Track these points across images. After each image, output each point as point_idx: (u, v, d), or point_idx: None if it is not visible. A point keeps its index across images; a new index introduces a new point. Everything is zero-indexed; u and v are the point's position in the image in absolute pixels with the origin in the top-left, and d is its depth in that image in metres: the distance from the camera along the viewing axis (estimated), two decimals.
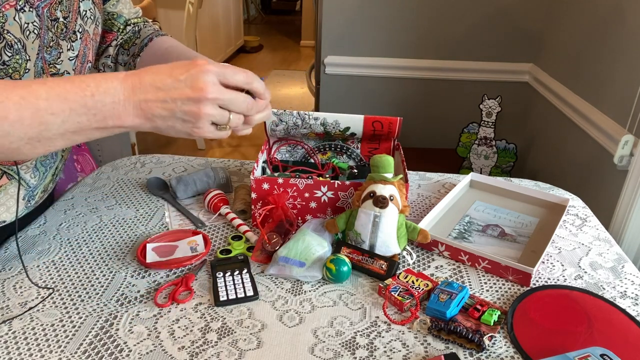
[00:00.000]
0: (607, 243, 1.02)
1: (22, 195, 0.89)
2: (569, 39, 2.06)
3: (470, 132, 2.31)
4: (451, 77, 2.43)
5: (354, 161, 1.18)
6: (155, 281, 0.87)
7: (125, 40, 0.94)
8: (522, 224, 1.05)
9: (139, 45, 0.95)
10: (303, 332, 0.77)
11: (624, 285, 0.89)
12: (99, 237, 0.98)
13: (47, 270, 0.89)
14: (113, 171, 1.25)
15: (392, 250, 0.92)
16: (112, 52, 0.98)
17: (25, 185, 0.89)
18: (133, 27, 0.99)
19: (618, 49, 1.69)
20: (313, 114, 1.09)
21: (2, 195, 0.87)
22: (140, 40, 0.96)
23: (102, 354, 0.72)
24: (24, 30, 0.73)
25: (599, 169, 1.73)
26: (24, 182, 0.89)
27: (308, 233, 0.93)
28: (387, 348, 0.74)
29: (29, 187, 0.90)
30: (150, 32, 0.97)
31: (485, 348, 0.74)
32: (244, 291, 0.83)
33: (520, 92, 2.41)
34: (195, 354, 0.72)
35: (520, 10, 2.27)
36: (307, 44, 6.46)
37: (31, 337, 0.74)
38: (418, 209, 1.12)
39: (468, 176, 1.21)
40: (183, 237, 0.97)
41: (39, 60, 0.78)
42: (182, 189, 1.12)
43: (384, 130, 1.09)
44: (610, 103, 1.71)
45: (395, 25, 2.35)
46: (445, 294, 0.80)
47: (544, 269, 0.93)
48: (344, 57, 2.43)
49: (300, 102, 4.61)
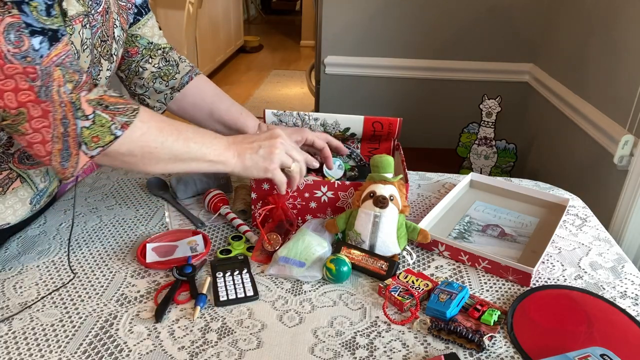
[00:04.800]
0: (607, 243, 1.02)
1: (29, 199, 0.91)
2: (569, 39, 2.06)
3: (470, 132, 2.31)
4: (451, 77, 2.43)
5: (354, 161, 1.18)
6: (155, 281, 0.87)
7: (164, 73, 1.08)
8: (522, 224, 1.05)
9: (179, 81, 1.09)
10: (303, 332, 0.77)
11: (624, 285, 0.89)
12: (99, 237, 0.98)
13: (47, 270, 0.89)
14: (113, 171, 1.25)
15: (392, 250, 0.92)
16: (146, 76, 1.08)
17: (35, 189, 0.91)
18: (164, 54, 1.09)
19: (618, 49, 1.69)
20: (313, 114, 1.09)
21: (12, 197, 0.88)
22: (180, 75, 1.09)
23: (102, 354, 0.72)
24: (82, 44, 0.82)
25: (599, 169, 1.73)
26: (34, 186, 0.90)
27: (308, 233, 0.93)
28: (387, 348, 0.74)
29: (37, 190, 0.91)
30: (188, 69, 1.11)
31: (485, 348, 0.74)
32: (244, 291, 0.83)
33: (520, 92, 2.41)
34: (195, 354, 0.72)
35: (520, 11, 2.27)
36: (307, 44, 6.46)
37: (31, 337, 0.74)
38: (418, 209, 1.12)
39: (468, 176, 1.21)
40: (183, 237, 0.97)
41: None
42: (182, 189, 1.12)
43: (384, 130, 1.09)
44: (610, 103, 1.70)
45: (395, 25, 2.35)
46: (445, 294, 0.80)
47: (544, 269, 0.93)
48: (344, 57, 2.43)
49: (300, 102, 4.61)
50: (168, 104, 1.11)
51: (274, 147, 0.88)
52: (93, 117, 0.74)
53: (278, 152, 0.88)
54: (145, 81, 1.08)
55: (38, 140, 0.72)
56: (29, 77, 0.68)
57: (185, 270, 0.86)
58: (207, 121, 1.10)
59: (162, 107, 1.11)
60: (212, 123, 1.10)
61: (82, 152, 0.75)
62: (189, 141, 0.83)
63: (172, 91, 1.09)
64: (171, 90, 1.09)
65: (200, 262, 0.91)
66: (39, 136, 0.72)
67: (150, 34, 1.07)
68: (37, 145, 0.73)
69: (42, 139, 0.72)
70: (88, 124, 0.74)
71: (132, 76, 1.08)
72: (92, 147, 0.75)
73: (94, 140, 0.75)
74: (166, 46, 1.10)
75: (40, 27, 0.69)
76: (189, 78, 1.10)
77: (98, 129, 0.74)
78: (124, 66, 1.08)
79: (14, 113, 0.70)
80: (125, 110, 0.77)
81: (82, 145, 0.74)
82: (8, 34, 0.66)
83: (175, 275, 0.85)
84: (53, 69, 0.70)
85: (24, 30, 0.67)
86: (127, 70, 1.08)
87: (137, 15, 1.03)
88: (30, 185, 0.89)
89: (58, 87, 0.71)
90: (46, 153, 0.74)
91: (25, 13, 0.67)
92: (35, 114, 0.70)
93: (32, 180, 0.89)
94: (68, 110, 0.72)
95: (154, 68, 1.07)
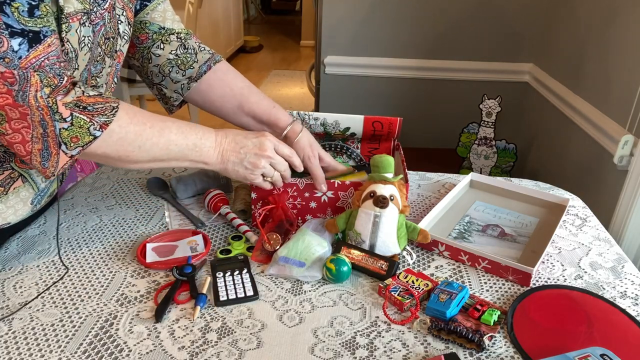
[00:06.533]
0: (607, 243, 1.02)
1: (30, 199, 0.91)
2: (569, 39, 2.06)
3: (470, 132, 2.31)
4: (451, 77, 2.43)
5: (354, 161, 1.18)
6: (155, 281, 0.87)
7: (182, 61, 1.02)
8: (522, 224, 1.05)
9: (197, 70, 1.03)
10: (303, 332, 0.77)
11: (624, 285, 0.89)
12: (99, 237, 0.98)
13: (47, 270, 0.89)
14: (113, 171, 1.25)
15: (392, 250, 0.92)
16: (161, 62, 1.02)
17: (36, 189, 0.91)
18: (181, 41, 1.03)
19: (618, 49, 1.69)
20: (313, 114, 1.09)
21: (13, 197, 0.88)
22: (198, 64, 1.03)
23: (102, 354, 0.72)
24: (80, 42, 0.81)
25: (599, 169, 1.73)
26: (35, 186, 0.90)
27: (308, 233, 0.93)
28: (387, 348, 0.74)
29: (38, 190, 0.91)
30: (207, 57, 1.04)
31: (485, 348, 0.74)
32: (244, 291, 0.83)
33: (520, 92, 2.41)
34: (195, 354, 0.72)
35: (520, 11, 2.27)
36: (307, 44, 6.46)
37: (31, 337, 0.74)
38: (418, 209, 1.12)
39: (468, 176, 1.21)
40: (183, 237, 0.97)
41: (85, 71, 0.85)
42: (182, 189, 1.12)
43: (384, 130, 1.09)
44: (610, 103, 1.70)
45: (395, 25, 2.35)
46: (445, 294, 0.80)
47: (544, 269, 0.93)
48: (344, 57, 2.43)
49: (300, 102, 4.61)
50: (188, 95, 1.05)
51: (259, 161, 0.90)
52: (71, 119, 0.75)
53: (262, 165, 0.90)
54: (161, 68, 1.03)
55: (18, 140, 0.73)
56: (7, 82, 0.69)
57: (185, 270, 0.86)
58: (237, 114, 1.05)
59: (179, 99, 1.05)
60: (242, 116, 1.05)
61: (62, 151, 0.76)
62: (170, 143, 0.84)
63: (189, 81, 1.03)
64: (188, 80, 1.03)
65: (200, 262, 0.91)
66: (19, 136, 0.73)
67: (160, 18, 1.02)
68: (17, 145, 0.74)
69: (22, 139, 0.73)
70: (66, 126, 0.75)
71: (146, 64, 1.03)
72: (72, 147, 0.76)
73: (73, 140, 0.76)
74: (182, 31, 1.04)
75: (20, 29, 0.69)
76: (207, 67, 1.03)
77: (77, 129, 0.75)
78: (137, 54, 1.03)
79: None
80: (104, 110, 0.77)
81: (62, 145, 0.75)
82: None
83: (175, 275, 0.85)
84: (31, 74, 0.71)
85: (3, 31, 0.67)
86: (140, 58, 1.03)
87: (144, 1, 1.00)
88: (32, 185, 0.90)
89: (35, 92, 0.71)
90: (26, 153, 0.75)
91: (5, 14, 0.67)
92: (14, 116, 0.71)
93: (33, 180, 0.89)
94: (45, 113, 0.72)
95: (171, 55, 1.02)
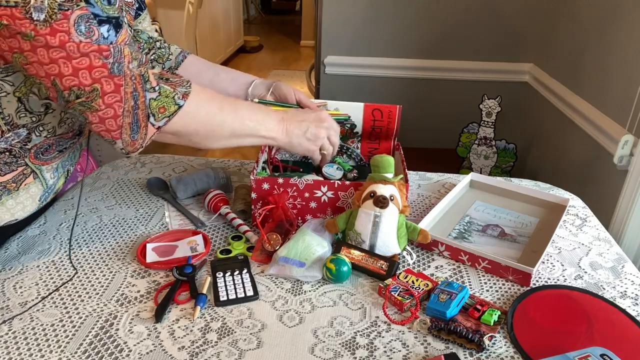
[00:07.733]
0: (607, 243, 1.02)
1: (39, 196, 0.92)
2: (568, 39, 2.06)
3: (470, 132, 2.31)
4: (451, 77, 2.43)
5: (354, 161, 1.18)
6: (155, 281, 0.87)
7: (159, 55, 1.10)
8: (522, 224, 1.05)
9: (175, 60, 1.12)
10: (303, 332, 0.77)
11: (624, 285, 0.89)
12: (99, 237, 0.98)
13: (47, 270, 0.89)
14: (113, 171, 1.25)
15: (392, 250, 0.92)
16: None
17: (45, 185, 0.92)
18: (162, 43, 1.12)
19: (618, 49, 1.69)
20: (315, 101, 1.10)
21: (23, 194, 0.89)
22: (174, 56, 1.12)
23: (102, 354, 0.72)
24: None
25: (599, 169, 1.73)
26: (45, 182, 0.91)
27: (308, 233, 0.93)
28: (387, 348, 0.74)
29: (47, 186, 0.92)
30: (179, 50, 1.14)
31: (485, 348, 0.74)
32: (244, 291, 0.83)
33: (520, 92, 2.41)
34: (195, 354, 0.72)
35: (520, 11, 2.27)
36: (307, 44, 6.45)
37: (31, 337, 0.74)
38: (418, 209, 1.12)
39: (468, 176, 1.21)
40: (183, 237, 0.97)
41: None
42: (182, 189, 1.12)
43: (384, 119, 1.10)
44: (610, 103, 1.70)
45: (395, 25, 2.34)
46: (445, 294, 0.80)
47: (544, 269, 0.93)
48: (344, 57, 2.43)
49: None
50: None
51: (320, 131, 0.98)
52: (159, 89, 0.81)
53: (323, 136, 0.99)
54: None
55: (110, 115, 0.77)
56: (102, 55, 0.72)
57: (185, 270, 0.86)
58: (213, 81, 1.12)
59: None
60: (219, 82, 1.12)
61: (150, 123, 0.81)
62: (244, 118, 0.91)
63: (169, 71, 1.11)
64: (169, 71, 1.11)
65: (200, 262, 0.91)
66: (111, 111, 0.77)
67: (149, 28, 1.10)
68: (109, 120, 0.77)
69: (114, 113, 0.77)
70: (155, 96, 0.80)
71: None
72: (159, 118, 0.81)
73: (161, 111, 0.81)
74: (159, 38, 1.14)
75: (105, 16, 0.72)
76: (182, 57, 1.12)
77: (163, 99, 0.81)
78: None
79: (88, 90, 0.73)
80: (182, 82, 0.85)
81: (151, 117, 0.80)
82: (79, 26, 0.69)
83: (175, 275, 0.85)
84: (123, 47, 0.75)
85: (92, 20, 0.71)
86: None
87: (138, 10, 1.05)
88: (42, 181, 0.91)
89: (128, 63, 0.76)
90: (117, 127, 0.78)
91: (91, 4, 0.70)
92: (108, 89, 0.75)
93: (43, 177, 0.90)
94: (138, 82, 0.78)
95: (151, 57, 1.10)
